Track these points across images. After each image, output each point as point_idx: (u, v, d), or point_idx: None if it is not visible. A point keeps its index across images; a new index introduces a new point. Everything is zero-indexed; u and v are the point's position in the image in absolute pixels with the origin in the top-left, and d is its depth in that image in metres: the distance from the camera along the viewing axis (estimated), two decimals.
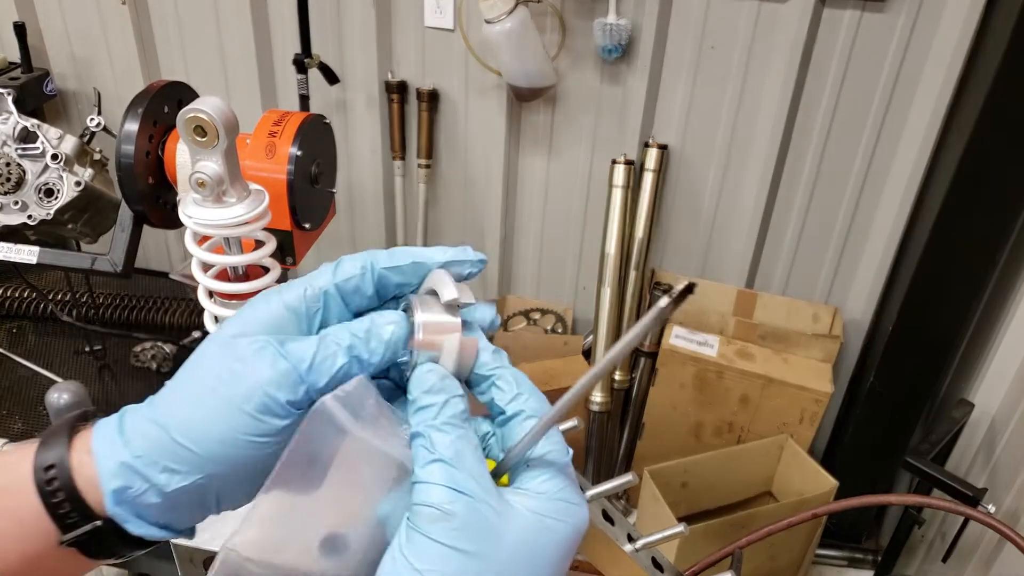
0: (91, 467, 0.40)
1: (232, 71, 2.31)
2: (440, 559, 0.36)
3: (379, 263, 0.44)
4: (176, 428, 0.40)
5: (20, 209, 1.30)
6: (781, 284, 2.23)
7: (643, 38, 1.97)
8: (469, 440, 0.39)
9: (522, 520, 0.37)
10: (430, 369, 0.41)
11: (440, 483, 0.36)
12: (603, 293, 2.14)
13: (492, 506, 0.37)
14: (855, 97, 1.92)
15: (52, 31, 2.35)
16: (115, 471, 0.40)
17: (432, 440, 0.38)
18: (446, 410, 0.39)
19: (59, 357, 1.66)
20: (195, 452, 0.39)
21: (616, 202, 2.08)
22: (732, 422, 2.17)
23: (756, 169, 2.07)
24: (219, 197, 0.80)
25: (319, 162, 1.22)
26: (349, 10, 2.13)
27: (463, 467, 0.37)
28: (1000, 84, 1.64)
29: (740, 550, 1.22)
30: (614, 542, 0.83)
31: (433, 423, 0.38)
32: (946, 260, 1.86)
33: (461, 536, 0.36)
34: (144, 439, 0.40)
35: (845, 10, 1.83)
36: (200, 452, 0.39)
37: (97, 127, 1.34)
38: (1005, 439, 1.79)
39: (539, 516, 0.38)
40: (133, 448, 0.40)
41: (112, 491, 0.40)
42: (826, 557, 2.27)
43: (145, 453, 0.40)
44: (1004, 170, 1.72)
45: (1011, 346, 1.79)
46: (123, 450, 0.40)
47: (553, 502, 0.38)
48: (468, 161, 2.30)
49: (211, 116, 0.72)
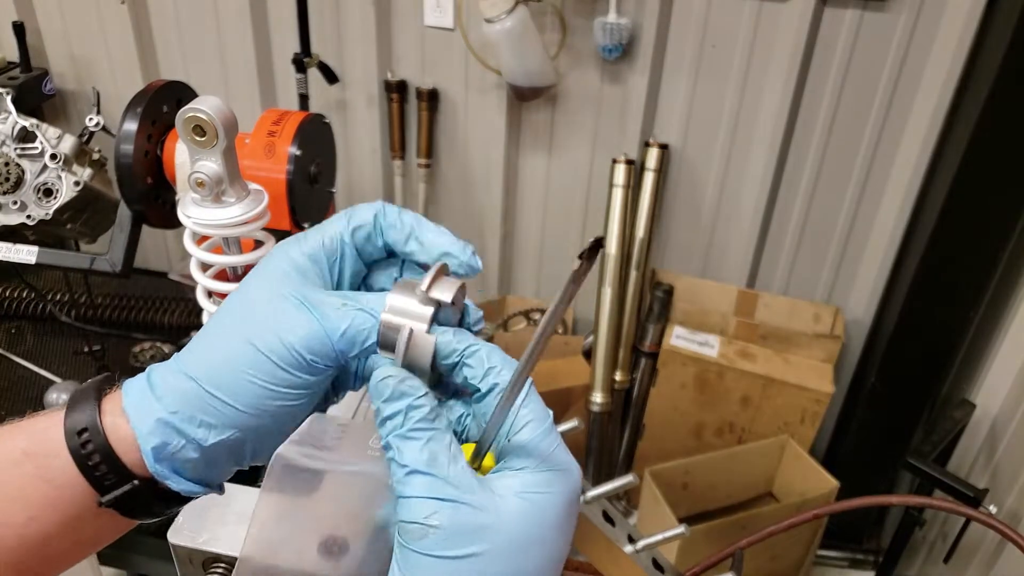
0: (125, 428, 0.41)
1: (231, 70, 2.31)
2: (437, 570, 0.35)
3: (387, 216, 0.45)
4: (208, 380, 0.40)
5: (19, 209, 1.30)
6: (782, 284, 2.23)
7: (644, 37, 1.96)
8: (440, 440, 0.38)
9: (511, 507, 0.37)
10: (385, 376, 0.40)
11: (419, 495, 0.36)
12: (604, 293, 2.13)
13: (477, 505, 0.36)
14: (856, 96, 1.92)
15: (51, 30, 2.35)
16: (152, 428, 0.40)
17: (402, 451, 0.37)
18: (411, 416, 0.38)
19: (58, 357, 1.66)
20: (230, 404, 0.39)
21: (616, 202, 2.07)
22: (733, 422, 2.16)
23: (757, 168, 2.07)
24: (218, 197, 0.80)
25: (318, 162, 1.22)
26: (348, 9, 2.13)
27: (439, 472, 0.36)
28: (1002, 83, 1.64)
29: (741, 551, 1.22)
30: (615, 543, 0.82)
31: (400, 432, 0.38)
32: (948, 260, 1.85)
33: (452, 543, 0.35)
34: (177, 394, 0.40)
35: (846, 9, 1.83)
36: (235, 404, 0.39)
37: (96, 127, 1.34)
38: (1007, 440, 1.79)
39: (527, 496, 0.37)
40: (167, 404, 0.40)
41: (151, 449, 0.40)
42: (827, 558, 2.27)
43: (180, 408, 0.40)
44: (1006, 169, 1.72)
45: (1013, 346, 1.79)
46: (157, 405, 0.40)
47: (538, 474, 0.38)
48: (468, 161, 2.30)
49: (210, 116, 0.72)
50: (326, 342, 0.40)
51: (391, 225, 0.45)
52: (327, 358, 0.40)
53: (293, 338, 0.39)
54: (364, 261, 0.46)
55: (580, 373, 2.26)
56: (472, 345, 0.41)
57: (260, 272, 0.43)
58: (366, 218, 0.45)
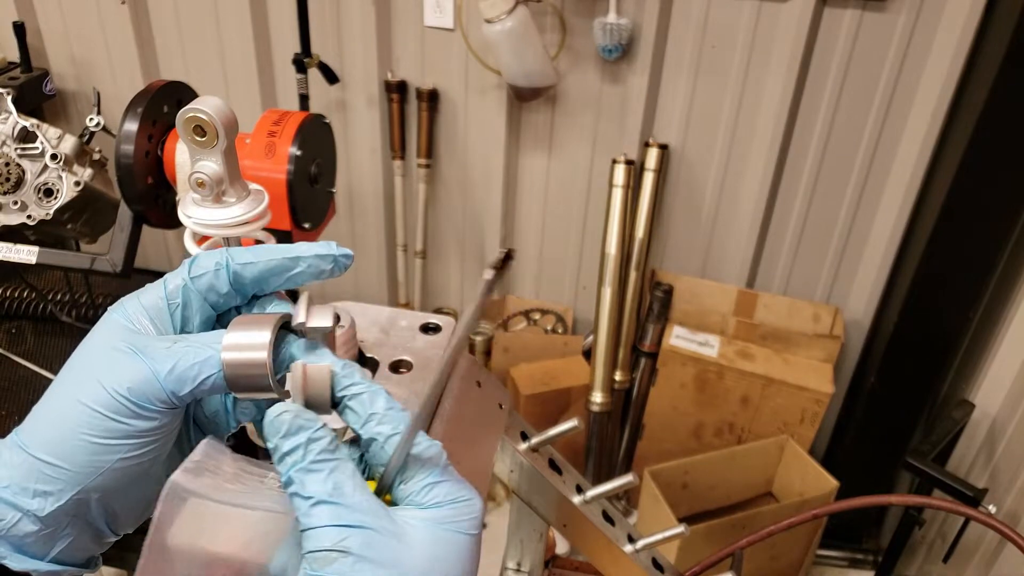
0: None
1: (232, 71, 2.31)
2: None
3: (235, 259, 0.43)
4: (39, 447, 0.38)
5: (19, 209, 1.30)
6: (782, 284, 2.23)
7: (643, 37, 1.96)
8: (343, 469, 0.37)
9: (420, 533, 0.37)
10: (280, 411, 0.38)
11: (327, 524, 0.35)
12: (603, 293, 2.13)
13: (386, 529, 0.36)
14: (856, 96, 1.92)
15: (51, 31, 2.35)
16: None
17: (304, 483, 0.36)
18: (312, 448, 0.37)
19: (58, 358, 1.65)
20: (63, 467, 0.38)
21: (616, 202, 2.07)
22: (733, 422, 2.17)
23: (757, 169, 2.07)
24: (218, 197, 0.80)
25: (319, 162, 1.22)
26: (349, 9, 2.13)
27: (345, 500, 0.36)
28: (1001, 83, 1.64)
29: (741, 551, 1.22)
30: (614, 543, 0.82)
31: (302, 465, 0.37)
32: (947, 260, 1.85)
33: (364, 569, 0.35)
34: (8, 467, 0.38)
35: (846, 9, 1.83)
36: (68, 466, 0.38)
37: (96, 127, 1.34)
38: (1006, 439, 1.79)
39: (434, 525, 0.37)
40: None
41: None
42: (827, 558, 2.27)
43: (12, 481, 0.38)
44: (1006, 170, 1.72)
45: (1012, 347, 1.79)
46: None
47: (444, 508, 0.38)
48: (468, 161, 2.30)
49: (210, 116, 0.72)
50: (153, 383, 0.38)
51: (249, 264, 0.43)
52: (157, 400, 0.39)
53: (117, 384, 0.38)
54: (213, 307, 0.44)
55: (580, 373, 2.26)
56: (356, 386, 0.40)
57: (97, 329, 0.42)
58: (205, 267, 0.43)
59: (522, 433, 0.76)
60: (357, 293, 2.68)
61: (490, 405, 0.69)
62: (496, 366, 2.32)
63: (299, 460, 0.37)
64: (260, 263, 0.43)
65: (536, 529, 0.92)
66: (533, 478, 0.76)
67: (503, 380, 2.31)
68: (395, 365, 0.60)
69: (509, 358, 2.32)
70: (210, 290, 0.43)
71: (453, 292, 2.59)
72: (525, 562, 0.97)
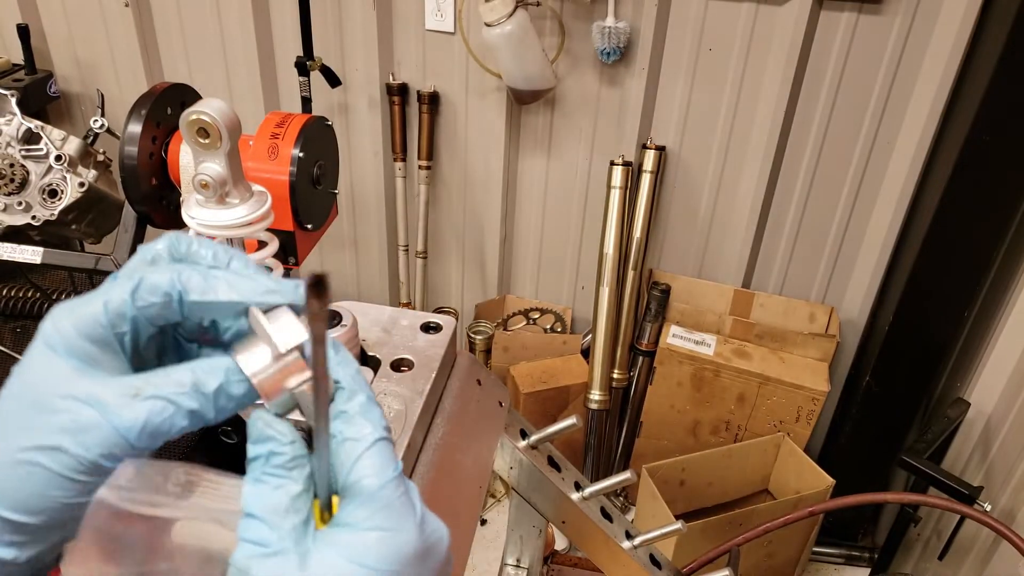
0: None
1: (235, 73, 2.32)
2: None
3: (189, 294, 0.39)
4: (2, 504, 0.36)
5: (24, 210, 1.32)
6: (778, 284, 2.25)
7: (641, 41, 1.98)
8: (288, 489, 0.36)
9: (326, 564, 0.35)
10: (256, 417, 0.38)
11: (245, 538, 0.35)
12: (601, 293, 2.15)
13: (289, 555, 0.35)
14: (852, 98, 1.93)
15: (55, 33, 2.37)
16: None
17: (247, 493, 0.36)
18: (271, 460, 0.37)
19: None
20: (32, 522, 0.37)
21: (614, 203, 2.09)
22: (729, 420, 2.18)
23: (753, 170, 2.08)
24: (222, 198, 0.81)
25: (321, 163, 1.23)
26: (350, 13, 2.14)
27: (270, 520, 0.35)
28: (996, 85, 1.65)
29: (737, 547, 1.24)
30: (612, 539, 0.84)
31: (252, 475, 0.37)
32: (942, 260, 1.87)
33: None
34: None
35: (842, 12, 1.84)
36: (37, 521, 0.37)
37: (100, 129, 1.36)
38: (1001, 437, 1.81)
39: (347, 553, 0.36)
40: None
41: None
42: (823, 555, 2.29)
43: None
44: (1000, 170, 1.73)
45: (1006, 345, 1.81)
46: None
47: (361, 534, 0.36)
48: (468, 163, 2.32)
49: (214, 118, 0.73)
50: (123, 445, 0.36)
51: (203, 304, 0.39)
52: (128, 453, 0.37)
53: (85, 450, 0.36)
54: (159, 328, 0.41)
55: (578, 371, 2.27)
56: None
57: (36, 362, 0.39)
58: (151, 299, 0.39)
59: (521, 431, 0.77)
60: (359, 293, 2.69)
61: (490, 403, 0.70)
62: (496, 365, 2.33)
63: (257, 468, 0.37)
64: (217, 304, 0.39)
65: (535, 525, 0.94)
66: (532, 475, 0.78)
67: (503, 378, 2.32)
68: (396, 364, 0.62)
69: (509, 357, 2.33)
70: (159, 317, 0.39)
71: (454, 292, 2.60)
72: (524, 558, 0.99)
